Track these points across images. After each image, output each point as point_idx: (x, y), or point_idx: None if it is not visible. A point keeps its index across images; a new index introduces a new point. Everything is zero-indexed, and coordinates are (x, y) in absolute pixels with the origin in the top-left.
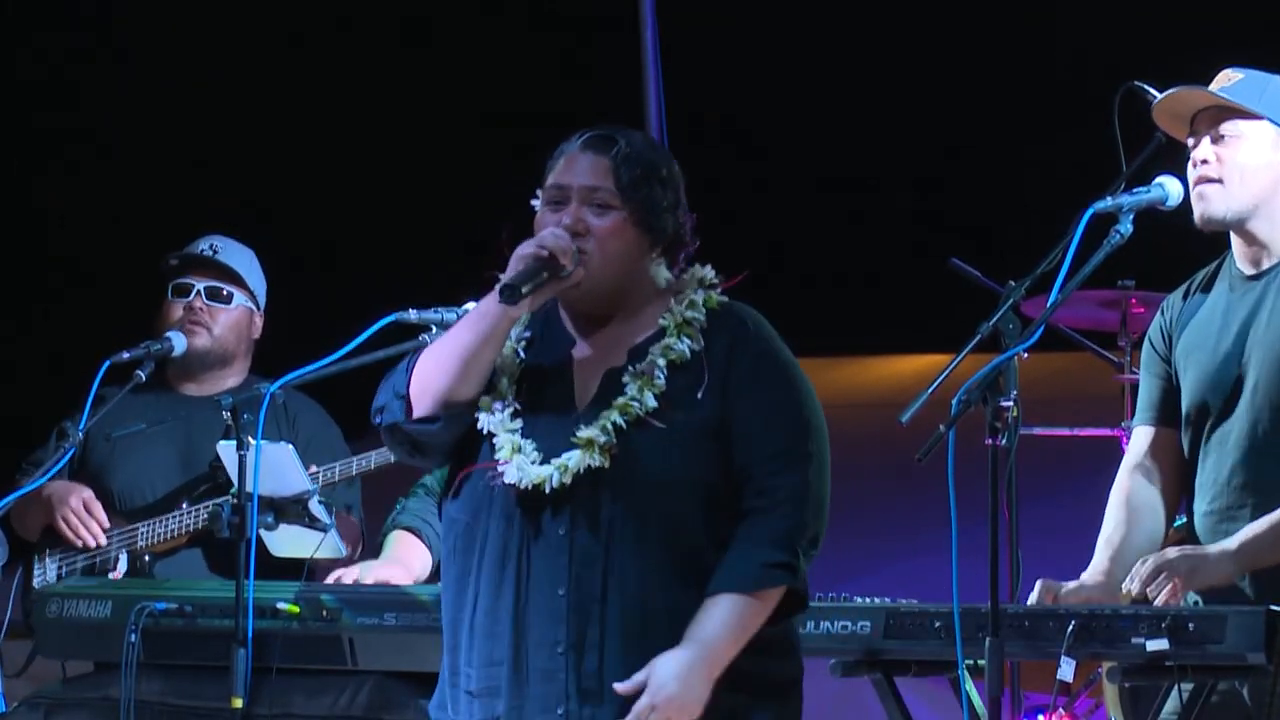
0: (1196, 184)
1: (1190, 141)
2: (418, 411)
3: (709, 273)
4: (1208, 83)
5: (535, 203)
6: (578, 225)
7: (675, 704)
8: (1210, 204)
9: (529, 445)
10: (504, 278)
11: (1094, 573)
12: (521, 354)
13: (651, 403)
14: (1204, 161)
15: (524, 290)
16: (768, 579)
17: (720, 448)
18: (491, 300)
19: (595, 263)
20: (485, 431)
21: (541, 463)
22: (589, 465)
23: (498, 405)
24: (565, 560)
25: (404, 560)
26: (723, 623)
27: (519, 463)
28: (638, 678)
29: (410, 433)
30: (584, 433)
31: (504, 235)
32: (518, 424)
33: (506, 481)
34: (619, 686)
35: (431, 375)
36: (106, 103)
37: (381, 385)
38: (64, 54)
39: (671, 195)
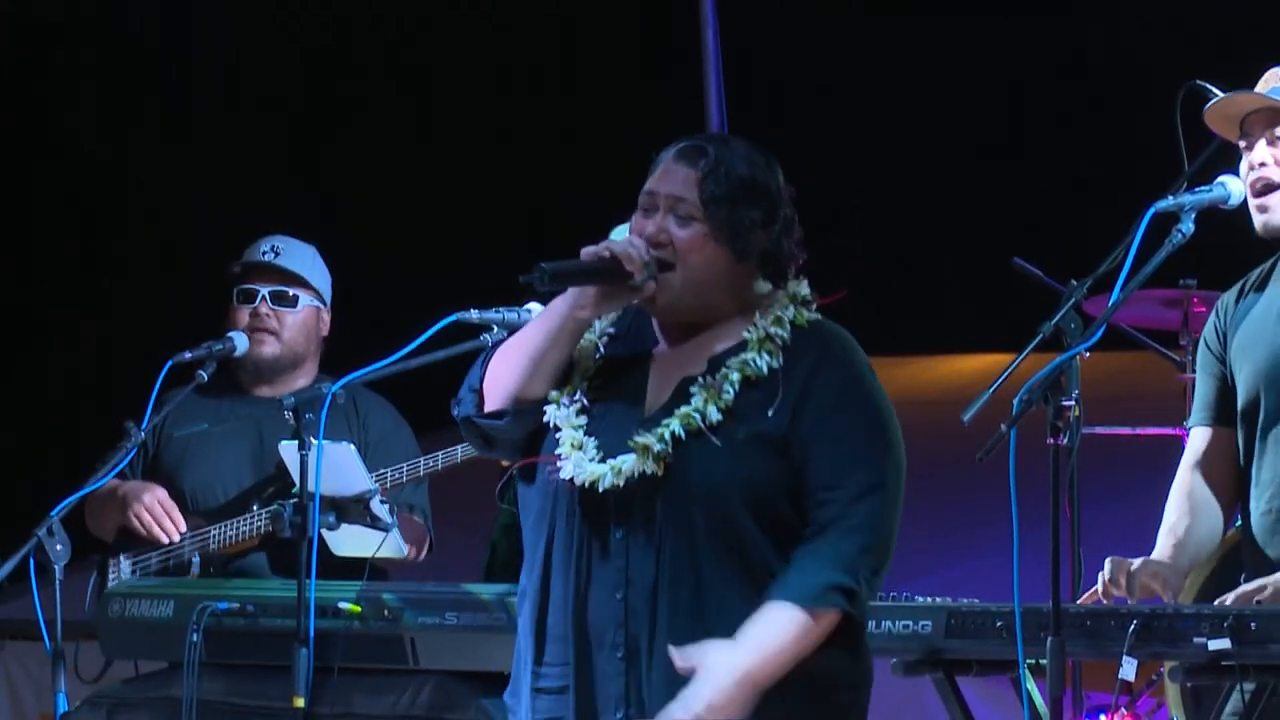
0: (1256, 190)
1: (1243, 144)
2: (488, 406)
3: (804, 289)
4: (1256, 81)
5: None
6: (660, 235)
7: (718, 709)
8: (1274, 215)
9: (590, 443)
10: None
11: (1159, 555)
12: (601, 349)
13: (714, 416)
14: (1261, 164)
15: (551, 274)
16: (826, 599)
17: (783, 465)
18: (560, 301)
19: (674, 281)
20: (551, 425)
21: (600, 461)
22: (642, 471)
23: (565, 400)
24: (621, 564)
25: None
26: (780, 632)
27: (577, 459)
28: (692, 659)
29: (481, 426)
30: (641, 438)
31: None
32: (583, 420)
33: (563, 477)
34: (675, 658)
35: (502, 372)
36: (183, 95)
37: (465, 378)
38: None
39: (763, 212)
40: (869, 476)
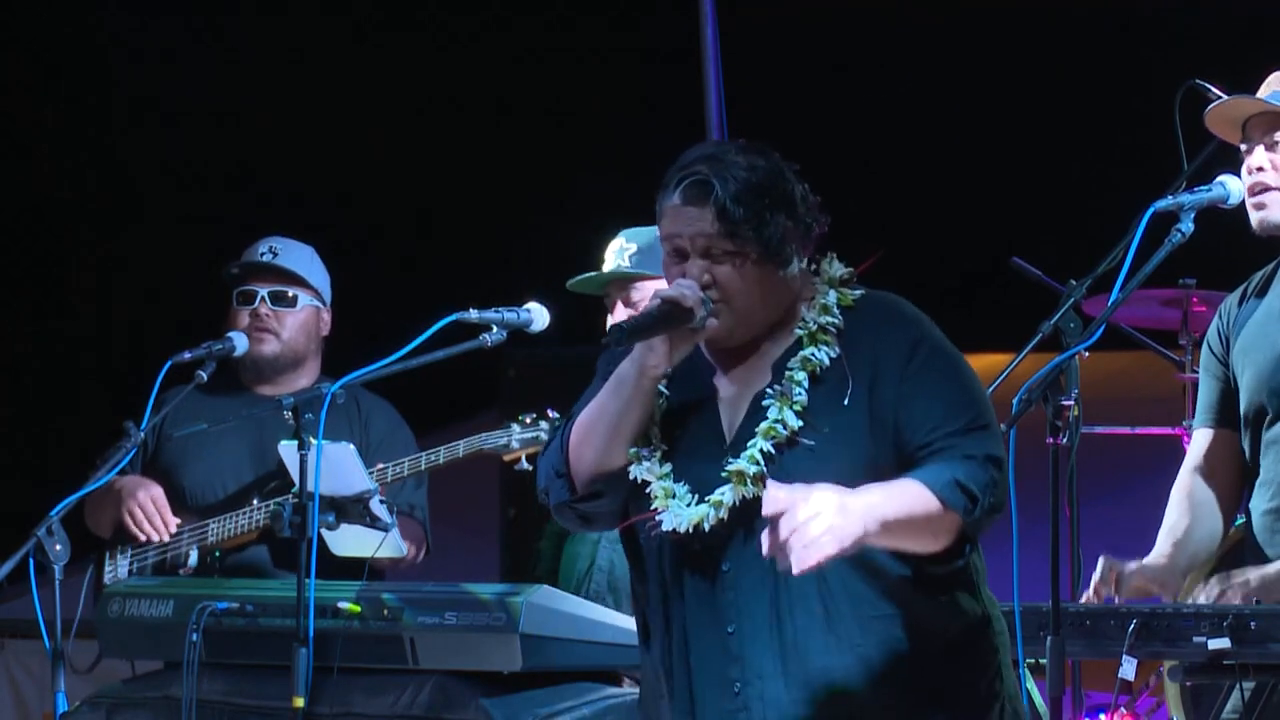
0: (1253, 192)
1: (1244, 148)
2: (581, 488)
3: (838, 269)
4: (1258, 86)
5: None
6: (702, 279)
7: (826, 521)
8: (1269, 212)
9: (682, 488)
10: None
11: (1156, 556)
12: (664, 391)
13: (794, 421)
14: (1259, 169)
15: (629, 331)
16: (951, 492)
17: (877, 446)
18: (627, 364)
19: (730, 311)
20: (638, 481)
21: (696, 503)
22: (744, 497)
23: (644, 452)
24: (731, 596)
25: None
26: (900, 491)
27: (674, 508)
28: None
29: (579, 510)
30: (733, 465)
31: None
32: (668, 468)
33: (665, 529)
34: (770, 495)
35: (588, 450)
36: (177, 93)
37: (539, 463)
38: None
39: (785, 206)
40: (970, 417)
